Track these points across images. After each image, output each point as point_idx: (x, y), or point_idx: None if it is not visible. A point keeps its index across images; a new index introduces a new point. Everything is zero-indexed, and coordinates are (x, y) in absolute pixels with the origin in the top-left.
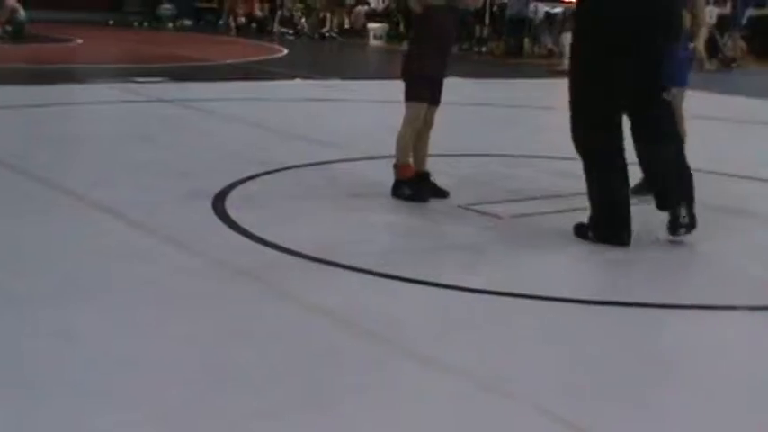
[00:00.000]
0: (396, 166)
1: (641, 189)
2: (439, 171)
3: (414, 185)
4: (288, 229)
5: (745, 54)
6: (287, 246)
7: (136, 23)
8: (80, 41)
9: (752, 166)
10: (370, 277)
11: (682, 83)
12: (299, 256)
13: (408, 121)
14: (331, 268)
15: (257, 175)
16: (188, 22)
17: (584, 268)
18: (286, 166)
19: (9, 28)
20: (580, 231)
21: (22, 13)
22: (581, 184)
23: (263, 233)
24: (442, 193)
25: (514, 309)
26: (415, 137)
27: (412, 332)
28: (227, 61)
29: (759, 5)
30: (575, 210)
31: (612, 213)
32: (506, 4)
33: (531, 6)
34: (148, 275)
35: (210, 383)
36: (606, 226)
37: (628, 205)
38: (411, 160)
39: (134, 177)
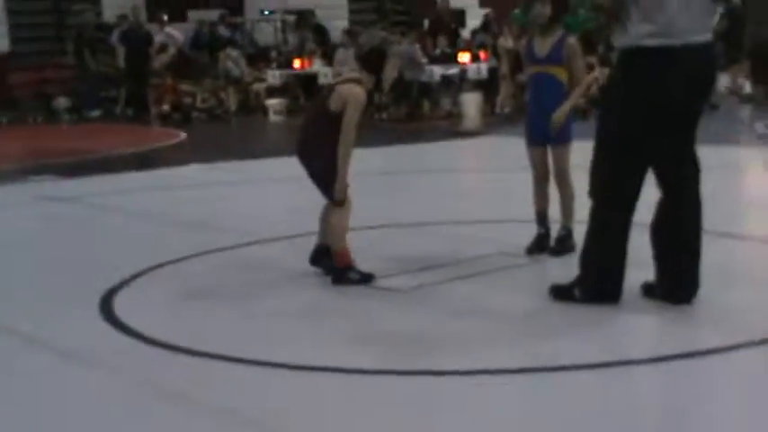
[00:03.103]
0: (336, 254)
1: (534, 248)
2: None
3: (355, 268)
4: (177, 327)
5: None
6: (175, 342)
7: (31, 119)
8: None
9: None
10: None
11: (569, 138)
12: (196, 354)
13: (344, 211)
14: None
15: (152, 268)
16: (94, 113)
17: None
18: (182, 256)
19: None
20: (562, 293)
21: None
22: (480, 248)
23: (156, 333)
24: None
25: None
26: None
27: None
28: (123, 151)
29: None
30: (476, 275)
31: (614, 268)
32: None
33: (427, 69)
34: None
35: None
36: (603, 283)
37: (624, 264)
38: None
39: (27, 285)
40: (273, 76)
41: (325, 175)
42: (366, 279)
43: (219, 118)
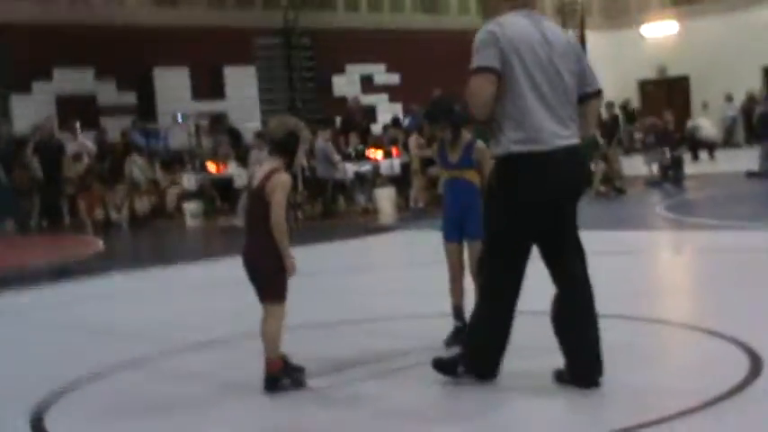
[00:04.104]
0: (268, 361)
1: (452, 340)
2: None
3: (287, 374)
4: None
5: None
6: None
7: None
8: None
9: None
10: None
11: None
12: None
13: (278, 318)
14: None
15: (80, 382)
16: (8, 226)
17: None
18: (109, 366)
19: None
20: (446, 367)
21: None
22: (398, 344)
23: None
24: (299, 370)
25: None
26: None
27: None
28: (41, 263)
29: None
30: (395, 371)
31: (493, 351)
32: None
33: (341, 167)
34: None
35: None
36: (482, 362)
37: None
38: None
39: None
40: (189, 180)
41: (264, 273)
42: (298, 385)
43: (133, 224)
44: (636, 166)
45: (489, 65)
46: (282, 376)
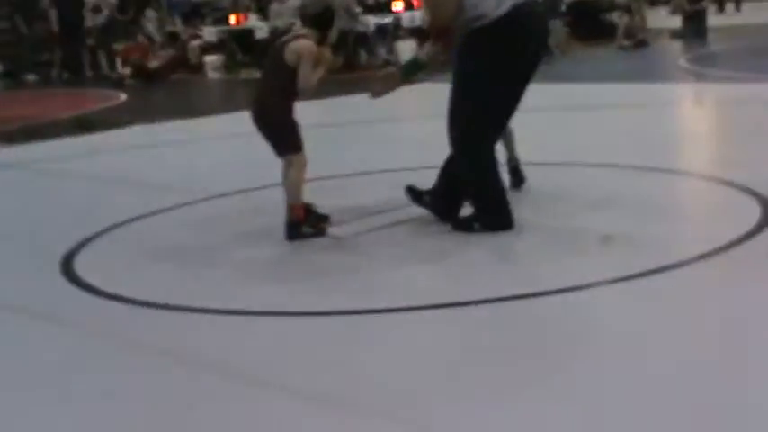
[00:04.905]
0: (291, 208)
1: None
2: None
3: (309, 222)
4: (139, 283)
5: (570, 40)
6: (139, 297)
7: None
8: None
9: (575, 152)
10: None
11: None
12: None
13: (299, 166)
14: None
15: (107, 229)
16: (30, 77)
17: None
18: (134, 216)
19: None
20: (462, 225)
21: None
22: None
23: (120, 290)
24: (324, 218)
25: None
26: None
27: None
28: (63, 115)
29: None
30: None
31: (501, 201)
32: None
33: (362, 19)
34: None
35: None
36: (495, 213)
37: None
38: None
39: None
40: (209, 33)
41: (278, 128)
42: (319, 232)
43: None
44: (661, 18)
45: None
46: (304, 224)
